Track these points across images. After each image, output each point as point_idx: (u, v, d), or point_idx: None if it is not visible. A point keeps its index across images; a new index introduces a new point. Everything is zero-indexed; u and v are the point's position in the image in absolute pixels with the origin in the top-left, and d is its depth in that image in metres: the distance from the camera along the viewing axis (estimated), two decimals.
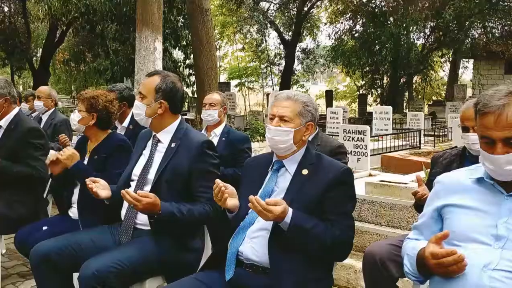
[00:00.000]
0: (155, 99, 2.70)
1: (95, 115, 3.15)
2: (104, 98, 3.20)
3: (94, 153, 3.18)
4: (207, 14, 10.55)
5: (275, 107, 2.39)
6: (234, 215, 2.38)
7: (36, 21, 25.96)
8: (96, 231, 2.81)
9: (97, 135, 3.23)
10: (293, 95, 2.40)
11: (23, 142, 3.50)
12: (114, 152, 3.13)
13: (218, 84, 13.42)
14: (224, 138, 4.29)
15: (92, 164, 3.13)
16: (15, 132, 3.54)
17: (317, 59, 29.82)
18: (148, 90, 2.72)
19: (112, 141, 3.20)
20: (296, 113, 2.34)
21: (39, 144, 3.55)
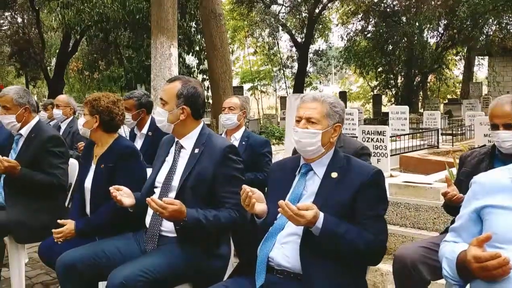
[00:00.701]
0: (177, 105, 2.66)
1: (98, 117, 3.07)
2: (106, 100, 3.09)
3: (100, 161, 3.09)
4: (221, 18, 10.57)
5: (301, 108, 2.34)
6: (262, 221, 2.33)
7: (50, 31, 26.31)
8: (121, 239, 2.78)
9: (102, 139, 3.15)
10: (320, 96, 2.35)
11: (43, 150, 3.49)
12: (120, 161, 3.04)
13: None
14: (244, 142, 4.25)
15: (99, 174, 3.07)
16: (35, 141, 3.55)
17: (330, 61, 29.72)
18: (170, 96, 2.68)
19: (118, 149, 3.10)
20: (324, 115, 2.30)
21: (59, 152, 3.55)
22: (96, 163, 3.11)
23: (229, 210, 2.55)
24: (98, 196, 3.05)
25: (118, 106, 3.14)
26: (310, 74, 31.43)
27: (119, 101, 3.19)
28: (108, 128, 3.13)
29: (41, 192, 3.48)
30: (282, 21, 27.31)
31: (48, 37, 27.40)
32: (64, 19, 15.12)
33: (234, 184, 2.56)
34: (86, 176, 3.16)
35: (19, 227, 3.38)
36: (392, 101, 27.24)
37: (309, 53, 27.92)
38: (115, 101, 3.14)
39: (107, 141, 3.15)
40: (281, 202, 2.02)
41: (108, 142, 3.14)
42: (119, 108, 3.15)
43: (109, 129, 3.14)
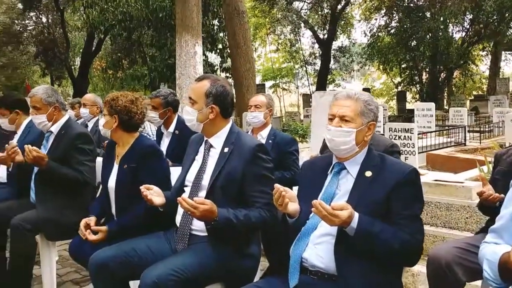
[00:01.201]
0: (206, 104, 2.65)
1: (117, 117, 3.06)
2: (124, 99, 3.08)
3: (123, 161, 3.09)
4: (244, 16, 10.55)
5: (335, 106, 2.30)
6: (294, 220, 2.30)
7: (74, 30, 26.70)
8: (152, 238, 2.78)
9: (123, 138, 3.14)
10: (354, 93, 2.31)
11: (71, 146, 3.53)
12: (143, 161, 3.03)
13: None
14: (270, 140, 4.22)
15: (122, 174, 3.07)
16: (65, 138, 3.59)
17: (353, 57, 29.46)
18: (199, 95, 2.67)
19: (139, 149, 3.08)
20: (358, 113, 2.26)
21: (88, 150, 3.58)
22: (119, 163, 3.12)
23: (260, 209, 2.52)
24: (123, 196, 3.07)
25: (137, 105, 3.12)
26: (333, 71, 31.18)
27: (138, 100, 3.17)
28: (128, 128, 3.12)
29: (69, 189, 3.52)
30: (304, 17, 27.18)
31: (72, 36, 27.79)
32: (89, 18, 15.29)
33: (264, 184, 2.53)
34: (109, 176, 3.17)
35: (48, 225, 3.43)
36: (416, 97, 26.90)
37: (332, 50, 27.67)
38: (133, 100, 3.12)
39: (128, 141, 3.14)
40: (315, 202, 1.99)
41: (130, 141, 3.14)
42: (138, 106, 3.12)
43: (129, 129, 3.13)
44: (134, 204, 2.96)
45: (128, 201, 3.02)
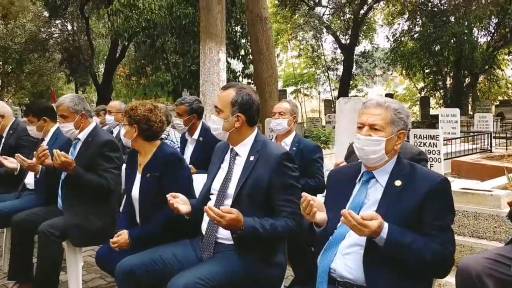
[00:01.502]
0: (232, 112, 2.64)
1: (136, 127, 3.07)
2: (142, 108, 3.09)
3: (145, 170, 3.10)
4: (267, 22, 10.56)
5: (364, 114, 2.27)
6: (321, 230, 2.28)
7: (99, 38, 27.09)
8: (178, 245, 2.78)
9: (145, 147, 3.15)
10: (384, 101, 2.27)
11: (98, 154, 3.57)
12: (166, 169, 3.04)
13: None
14: (294, 147, 4.19)
15: (146, 183, 3.08)
16: (92, 145, 3.63)
17: (376, 62, 29.22)
18: (224, 104, 2.66)
19: (162, 157, 3.08)
20: (388, 121, 2.23)
21: (114, 157, 3.61)
22: (142, 172, 3.13)
23: (286, 218, 2.49)
24: (146, 205, 3.08)
25: (156, 114, 3.13)
26: (355, 77, 30.98)
27: (157, 108, 3.18)
28: (148, 137, 3.12)
29: (95, 195, 3.55)
30: (327, 23, 27.08)
31: (97, 43, 28.20)
32: (113, 26, 15.48)
33: (290, 193, 2.52)
34: (132, 185, 3.18)
35: (75, 230, 3.47)
36: (440, 103, 26.55)
37: (354, 55, 27.52)
38: (152, 109, 3.13)
39: (150, 149, 3.15)
40: (344, 211, 1.96)
41: (151, 150, 3.15)
42: (157, 115, 3.13)
43: (149, 138, 3.13)
44: (157, 212, 2.98)
45: (152, 210, 3.03)
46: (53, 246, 3.42)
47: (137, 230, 3.00)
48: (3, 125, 4.74)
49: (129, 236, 2.91)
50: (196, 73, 15.77)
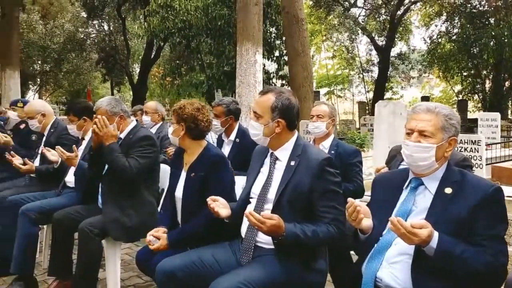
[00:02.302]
0: (272, 118, 2.59)
1: (184, 125, 3.11)
2: (190, 107, 3.13)
3: (190, 170, 3.12)
4: (303, 24, 10.50)
5: (413, 120, 2.20)
6: (366, 237, 2.22)
7: (135, 38, 27.55)
8: (218, 248, 2.77)
9: (191, 146, 3.18)
10: (434, 107, 2.20)
11: (134, 144, 3.61)
12: (211, 170, 3.04)
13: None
14: (333, 151, 4.12)
15: (190, 182, 3.09)
16: (131, 140, 3.67)
17: (413, 64, 28.71)
18: (264, 109, 2.61)
19: (208, 157, 3.10)
20: (438, 128, 2.15)
21: (146, 150, 3.61)
22: (187, 171, 3.14)
23: (327, 225, 2.43)
24: (189, 205, 3.09)
25: (203, 113, 3.15)
26: (391, 79, 30.50)
27: (204, 108, 3.20)
28: (195, 135, 3.15)
29: (133, 192, 3.59)
30: (362, 24, 26.78)
31: (132, 44, 28.65)
32: (150, 26, 15.67)
33: (332, 198, 2.46)
34: (176, 183, 3.20)
35: (113, 225, 3.50)
36: (478, 107, 25.90)
37: (390, 57, 27.10)
38: (200, 108, 3.16)
39: (197, 149, 3.17)
40: (392, 219, 1.90)
41: (198, 150, 3.17)
42: (204, 114, 3.16)
43: (196, 136, 3.16)
44: (198, 212, 2.97)
45: (194, 209, 3.03)
46: (92, 243, 3.45)
47: (175, 233, 2.99)
48: (45, 124, 4.84)
49: (168, 240, 2.92)
50: (230, 74, 15.85)
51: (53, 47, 27.13)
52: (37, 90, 33.64)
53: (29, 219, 3.90)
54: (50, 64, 28.92)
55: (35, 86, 33.07)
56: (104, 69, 28.75)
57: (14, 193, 4.39)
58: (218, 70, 16.24)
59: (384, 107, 5.98)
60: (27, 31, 25.89)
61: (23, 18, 22.26)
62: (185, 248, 2.94)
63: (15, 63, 13.79)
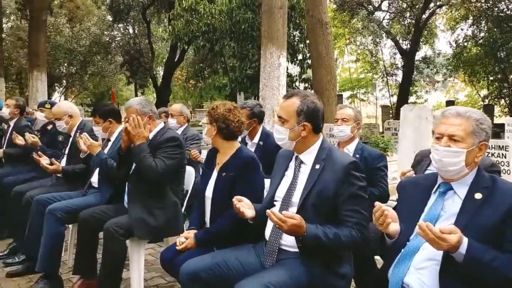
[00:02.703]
0: (297, 122, 2.58)
1: (215, 125, 3.17)
2: (222, 108, 3.19)
3: (222, 169, 3.16)
4: (327, 27, 10.45)
5: (443, 124, 2.16)
6: (393, 241, 2.19)
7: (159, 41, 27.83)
8: (242, 250, 2.77)
9: (223, 146, 3.23)
10: (465, 111, 2.15)
11: (161, 145, 3.62)
12: (242, 171, 3.07)
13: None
14: (357, 155, 4.07)
15: (221, 182, 3.12)
16: (159, 141, 3.69)
17: (438, 68, 28.30)
18: (289, 113, 2.60)
19: (240, 158, 3.13)
20: (469, 132, 2.11)
21: (172, 151, 3.61)
22: (218, 171, 3.18)
23: (350, 229, 2.41)
24: (218, 204, 3.11)
25: (235, 114, 3.20)
26: (416, 83, 30.11)
27: (236, 109, 3.24)
28: (226, 136, 3.19)
29: (159, 192, 3.62)
30: (386, 27, 26.52)
31: (156, 47, 28.92)
32: (174, 30, 15.81)
33: (356, 203, 2.44)
34: (207, 183, 3.24)
35: (139, 224, 3.53)
36: (505, 111, 25.41)
37: (415, 60, 26.77)
38: (231, 109, 3.20)
39: (229, 149, 3.22)
40: (421, 223, 1.87)
41: (230, 150, 3.21)
42: (235, 115, 3.19)
43: (228, 137, 3.20)
44: (226, 212, 3.01)
45: (223, 209, 3.06)
46: (117, 243, 3.48)
47: (202, 233, 3.04)
48: (71, 125, 4.91)
49: (195, 239, 2.97)
50: (252, 77, 15.88)
51: (79, 50, 27.56)
52: (63, 92, 34.21)
53: (55, 218, 3.95)
54: (76, 66, 29.37)
55: (61, 88, 33.65)
56: (128, 72, 29.10)
57: (41, 192, 4.46)
58: (241, 73, 16.30)
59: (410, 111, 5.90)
60: (54, 34, 26.38)
61: (50, 22, 22.66)
62: (211, 247, 2.98)
63: (43, 65, 14.02)
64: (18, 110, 6.24)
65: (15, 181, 5.22)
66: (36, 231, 4.15)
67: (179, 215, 3.74)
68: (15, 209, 4.74)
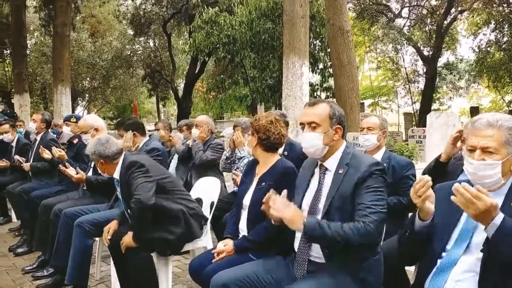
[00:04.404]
0: (331, 125, 2.61)
1: (257, 136, 3.22)
2: (264, 119, 3.23)
3: (261, 180, 3.19)
4: (348, 35, 10.41)
5: (474, 137, 2.08)
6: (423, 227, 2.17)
7: (180, 54, 28.09)
8: (272, 262, 2.77)
9: (263, 157, 3.27)
10: (495, 120, 2.06)
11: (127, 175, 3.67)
12: (282, 180, 3.07)
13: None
14: (385, 163, 4.01)
15: (258, 192, 3.13)
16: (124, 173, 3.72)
17: (461, 74, 27.91)
18: (322, 118, 2.62)
19: (279, 169, 3.16)
20: (502, 143, 2.02)
21: (145, 175, 3.61)
22: (257, 182, 3.22)
23: (357, 222, 2.37)
24: (254, 214, 3.12)
25: (276, 126, 3.23)
26: (439, 89, 29.73)
27: (278, 121, 3.27)
28: (267, 147, 3.23)
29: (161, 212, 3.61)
30: (407, 34, 26.30)
31: (177, 59, 29.20)
32: (195, 42, 15.93)
33: (374, 199, 2.41)
34: (245, 192, 3.27)
35: (158, 245, 3.58)
36: None
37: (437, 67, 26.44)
38: (273, 121, 3.24)
39: (269, 161, 3.25)
40: (456, 185, 1.82)
41: (270, 161, 3.25)
42: (277, 127, 3.23)
43: (268, 148, 3.24)
44: (262, 222, 3.04)
45: (259, 218, 3.06)
46: (142, 257, 3.48)
47: (242, 240, 3.09)
48: None
49: (234, 246, 3.02)
50: (273, 87, 15.88)
51: (101, 64, 28.04)
52: (86, 106, 34.76)
53: (84, 231, 3.99)
54: (99, 80, 29.86)
55: (84, 101, 34.20)
56: (150, 85, 29.41)
57: (69, 206, 4.52)
58: (261, 84, 16.31)
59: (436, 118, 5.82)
60: (77, 49, 26.88)
61: (73, 37, 23.07)
62: (247, 254, 2.99)
63: (67, 80, 14.25)
64: (44, 124, 6.36)
65: (43, 195, 5.31)
66: (64, 244, 4.19)
67: (189, 221, 3.72)
68: (43, 222, 4.80)
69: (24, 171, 6.31)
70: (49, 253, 4.61)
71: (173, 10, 24.23)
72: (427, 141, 6.37)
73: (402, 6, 26.57)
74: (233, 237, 3.19)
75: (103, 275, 4.68)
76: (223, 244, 3.09)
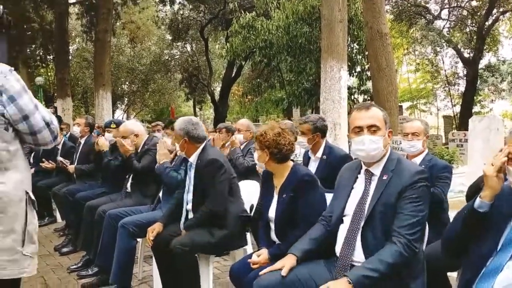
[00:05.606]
0: (386, 129, 2.65)
1: (268, 151, 3.18)
2: (271, 133, 3.19)
3: (281, 191, 3.19)
4: (387, 38, 10.31)
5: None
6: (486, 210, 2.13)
7: (217, 58, 28.39)
8: (314, 266, 2.75)
9: (278, 169, 3.25)
10: None
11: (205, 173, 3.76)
12: (301, 190, 3.07)
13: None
14: (423, 165, 4.00)
15: (282, 204, 3.16)
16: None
17: (504, 76, 27.09)
18: (381, 121, 2.64)
19: (296, 178, 3.13)
20: None
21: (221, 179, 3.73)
22: (278, 194, 3.22)
23: (401, 246, 2.36)
24: (281, 225, 3.15)
25: (284, 136, 3.20)
26: (480, 92, 28.94)
27: (284, 131, 3.24)
28: (280, 159, 3.21)
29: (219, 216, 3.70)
30: (447, 36, 25.74)
31: (213, 63, 29.51)
32: (232, 46, 16.08)
33: (413, 208, 2.41)
34: (269, 206, 3.27)
35: (202, 248, 3.62)
36: None
37: (478, 69, 25.76)
38: (280, 132, 3.20)
39: (284, 171, 3.24)
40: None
41: (286, 171, 3.23)
42: (285, 138, 3.20)
43: (281, 160, 3.22)
44: (293, 231, 3.02)
45: (287, 229, 3.09)
46: (187, 259, 3.52)
47: (276, 248, 3.07)
48: (137, 144, 5.07)
49: (269, 254, 3.00)
50: (310, 90, 15.83)
51: (140, 69, 28.59)
52: (125, 110, 35.47)
53: (128, 232, 4.09)
54: (137, 84, 30.44)
55: (123, 105, 34.91)
56: (187, 88, 29.80)
57: (112, 207, 4.64)
58: (298, 87, 16.30)
59: (479, 122, 5.69)
60: (117, 54, 27.52)
61: (113, 42, 23.62)
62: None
63: (107, 85, 14.59)
64: (88, 128, 6.55)
65: (87, 196, 5.46)
66: (108, 244, 4.31)
67: (239, 229, 3.80)
68: (88, 223, 4.95)
69: (68, 173, 6.52)
70: (94, 252, 4.76)
71: (210, 16, 24.49)
72: (469, 145, 6.24)
73: (441, 7, 26.04)
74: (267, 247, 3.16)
75: (145, 275, 4.79)
76: (256, 256, 3.06)
